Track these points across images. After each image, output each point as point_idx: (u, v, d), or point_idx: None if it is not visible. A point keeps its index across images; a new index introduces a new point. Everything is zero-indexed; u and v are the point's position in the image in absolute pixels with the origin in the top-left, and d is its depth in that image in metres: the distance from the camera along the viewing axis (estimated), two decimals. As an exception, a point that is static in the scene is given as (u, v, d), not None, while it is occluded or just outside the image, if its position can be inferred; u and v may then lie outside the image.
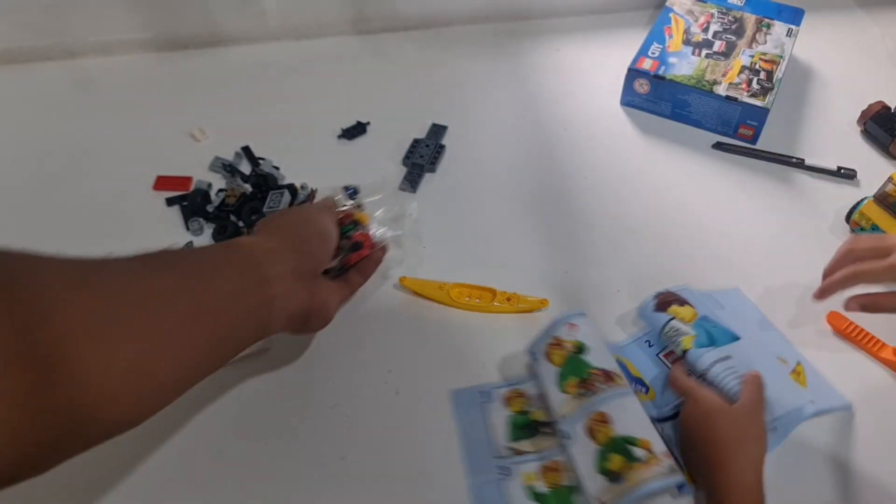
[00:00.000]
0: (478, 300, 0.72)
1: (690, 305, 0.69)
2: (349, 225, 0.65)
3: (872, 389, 0.68)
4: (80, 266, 0.41)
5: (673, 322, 0.68)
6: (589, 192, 0.85)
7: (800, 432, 0.63)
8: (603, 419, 0.58)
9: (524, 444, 0.63)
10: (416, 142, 0.89)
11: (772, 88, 0.90)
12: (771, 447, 0.63)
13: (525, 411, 0.65)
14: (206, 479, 0.61)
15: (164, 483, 0.60)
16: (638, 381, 0.67)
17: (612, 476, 0.56)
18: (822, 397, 0.66)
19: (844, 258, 0.66)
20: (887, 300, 0.64)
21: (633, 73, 0.93)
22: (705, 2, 1.03)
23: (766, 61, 0.94)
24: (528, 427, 0.64)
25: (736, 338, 0.66)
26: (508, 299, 0.71)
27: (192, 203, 0.80)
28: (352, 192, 0.69)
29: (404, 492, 0.61)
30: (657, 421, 0.62)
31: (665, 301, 0.70)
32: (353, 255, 0.65)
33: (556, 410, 0.62)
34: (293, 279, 0.55)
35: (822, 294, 0.67)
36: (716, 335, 0.66)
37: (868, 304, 0.65)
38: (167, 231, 0.79)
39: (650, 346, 0.70)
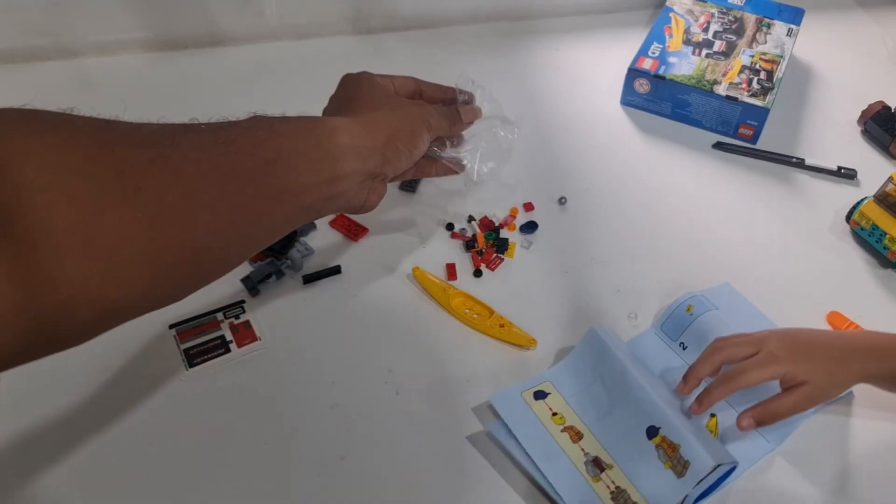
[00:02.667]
0: (476, 316, 0.72)
1: None
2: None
3: (872, 389, 0.67)
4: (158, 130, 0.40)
5: None
6: (588, 191, 0.85)
7: (798, 433, 0.63)
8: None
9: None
10: (416, 142, 0.89)
11: (772, 88, 0.90)
12: (772, 447, 0.63)
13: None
14: (206, 479, 0.61)
15: (164, 482, 0.60)
16: None
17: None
18: None
19: (713, 356, 0.63)
20: (778, 404, 0.60)
21: (634, 73, 0.93)
22: (705, 1, 1.03)
23: (766, 61, 0.94)
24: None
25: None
26: (501, 325, 0.71)
27: (191, 203, 0.80)
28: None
29: (404, 492, 0.61)
30: None
31: None
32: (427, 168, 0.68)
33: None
34: (363, 178, 0.54)
35: (689, 388, 0.62)
36: None
37: (761, 416, 0.60)
38: (167, 231, 0.79)
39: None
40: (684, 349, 0.70)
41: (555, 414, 0.64)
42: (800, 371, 0.59)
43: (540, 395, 0.65)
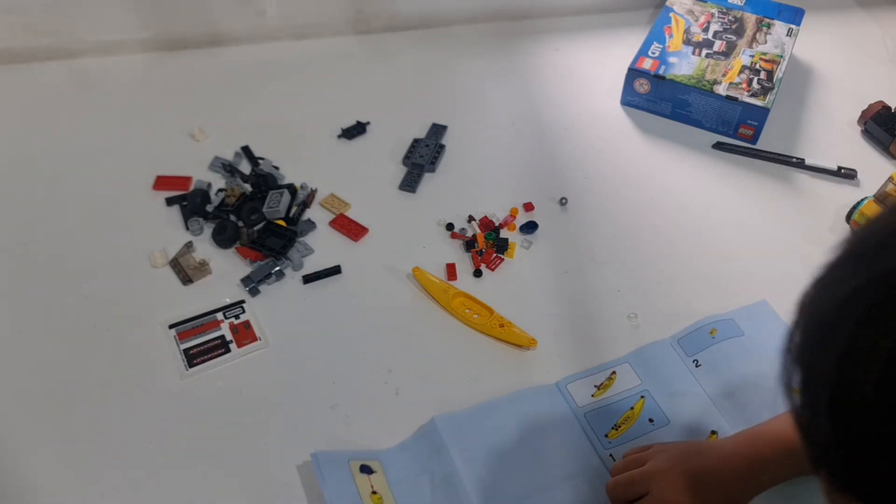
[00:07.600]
0: (476, 316, 0.72)
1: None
2: None
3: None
4: None
5: None
6: (588, 191, 0.85)
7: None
8: None
9: None
10: (416, 141, 0.89)
11: (772, 88, 0.90)
12: None
13: None
14: (207, 478, 0.61)
15: (165, 482, 0.60)
16: None
17: None
18: None
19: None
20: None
21: (634, 73, 0.93)
22: (705, 1, 1.03)
23: (766, 61, 0.94)
24: None
25: None
26: (501, 325, 0.71)
27: (191, 203, 0.80)
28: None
29: (404, 492, 0.61)
30: None
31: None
32: None
33: None
34: None
35: None
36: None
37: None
38: (167, 231, 0.79)
39: None
40: (697, 366, 0.69)
41: (374, 493, 0.58)
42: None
43: (366, 469, 0.60)
